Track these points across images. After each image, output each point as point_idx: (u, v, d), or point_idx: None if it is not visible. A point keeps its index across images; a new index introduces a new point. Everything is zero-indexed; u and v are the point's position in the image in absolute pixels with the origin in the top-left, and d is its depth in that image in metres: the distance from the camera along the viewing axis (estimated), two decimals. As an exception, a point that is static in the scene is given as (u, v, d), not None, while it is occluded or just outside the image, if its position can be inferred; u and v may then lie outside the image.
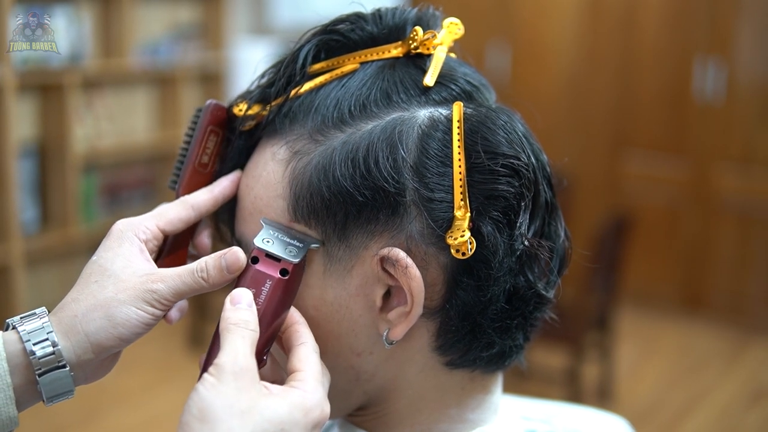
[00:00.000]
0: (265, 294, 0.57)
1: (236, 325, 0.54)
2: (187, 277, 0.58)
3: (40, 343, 0.55)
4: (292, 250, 0.58)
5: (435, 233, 0.57)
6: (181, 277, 0.58)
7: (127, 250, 0.60)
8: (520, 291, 0.60)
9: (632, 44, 4.29)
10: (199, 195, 0.65)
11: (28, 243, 3.51)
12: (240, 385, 0.51)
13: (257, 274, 0.58)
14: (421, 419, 0.63)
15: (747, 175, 4.03)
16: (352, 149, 0.58)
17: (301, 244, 0.58)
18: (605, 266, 3.08)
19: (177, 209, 0.63)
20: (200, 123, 0.66)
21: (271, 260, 0.58)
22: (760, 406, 3.36)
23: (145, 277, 0.58)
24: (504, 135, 0.59)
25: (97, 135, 3.96)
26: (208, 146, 0.67)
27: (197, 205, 0.64)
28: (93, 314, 0.56)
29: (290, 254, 0.58)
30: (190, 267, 0.58)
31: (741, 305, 4.10)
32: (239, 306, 0.56)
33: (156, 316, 0.57)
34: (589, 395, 3.27)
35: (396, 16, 0.64)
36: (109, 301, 0.57)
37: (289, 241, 0.58)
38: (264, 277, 0.58)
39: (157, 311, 0.57)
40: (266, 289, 0.57)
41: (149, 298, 0.57)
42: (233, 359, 0.52)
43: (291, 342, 0.58)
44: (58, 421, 3.09)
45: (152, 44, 4.21)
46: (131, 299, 0.57)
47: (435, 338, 0.60)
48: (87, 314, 0.56)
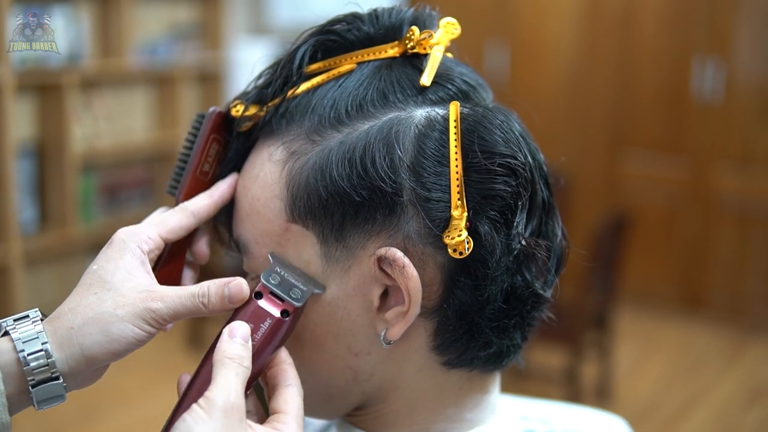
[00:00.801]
0: (262, 332, 0.57)
1: (231, 359, 0.54)
2: (187, 300, 0.58)
3: (34, 354, 0.55)
4: (296, 292, 0.58)
5: (432, 233, 0.57)
6: (182, 299, 0.58)
7: (129, 263, 0.59)
8: (518, 290, 0.60)
9: (631, 44, 4.29)
10: (198, 201, 0.64)
11: (26, 243, 3.50)
12: (228, 422, 0.52)
13: (259, 310, 0.58)
14: (419, 419, 0.63)
15: (746, 174, 4.04)
16: (349, 149, 0.58)
17: (305, 288, 0.58)
18: (604, 266, 3.08)
19: (178, 217, 0.63)
20: (203, 130, 0.66)
21: (275, 298, 0.58)
22: (759, 406, 3.36)
23: (145, 294, 0.57)
24: (501, 134, 0.59)
25: (95, 135, 3.96)
26: (210, 154, 0.66)
27: (197, 212, 0.64)
28: (89, 328, 0.56)
29: (294, 297, 0.58)
30: (191, 290, 0.58)
31: (740, 305, 4.10)
32: (236, 340, 0.56)
33: (151, 333, 0.57)
34: (588, 395, 3.27)
35: (392, 16, 0.64)
36: (107, 316, 0.56)
37: (294, 283, 0.58)
38: (265, 314, 0.58)
39: (153, 329, 0.57)
40: (265, 326, 0.57)
41: (147, 317, 0.57)
42: (226, 396, 0.52)
43: (278, 381, 0.58)
44: (57, 421, 3.09)
45: (151, 44, 4.21)
46: (129, 316, 0.56)
47: (433, 338, 0.60)
48: (83, 327, 0.56)
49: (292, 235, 0.60)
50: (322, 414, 0.66)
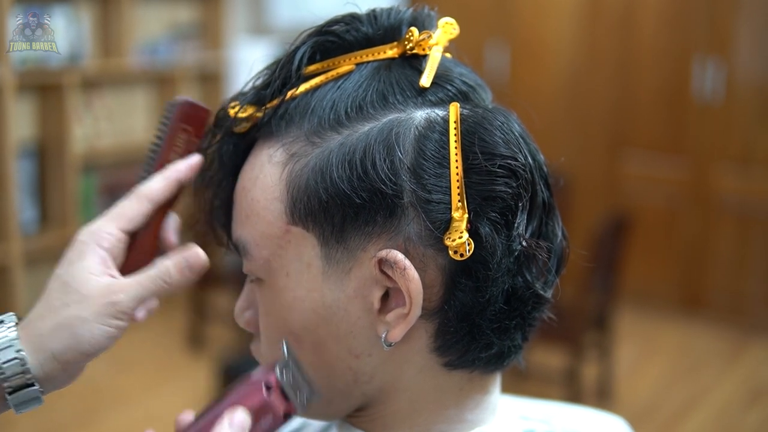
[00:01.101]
0: (261, 427, 0.57)
1: None
2: (148, 283, 0.58)
3: (9, 363, 0.55)
4: (300, 396, 0.57)
5: (433, 235, 0.57)
6: (142, 284, 0.58)
7: (89, 263, 0.60)
8: (519, 291, 0.60)
9: (631, 44, 4.29)
10: (152, 185, 0.65)
11: (27, 243, 3.51)
12: None
13: (266, 406, 0.57)
14: (420, 420, 0.63)
15: (746, 175, 4.04)
16: (348, 151, 0.58)
17: (309, 392, 0.58)
18: (604, 266, 3.08)
19: (133, 205, 0.64)
20: (170, 121, 0.65)
21: (281, 395, 0.57)
22: (759, 406, 3.36)
23: (106, 289, 0.58)
24: (501, 136, 0.59)
25: (96, 135, 3.96)
26: (178, 144, 0.66)
27: (152, 195, 0.64)
28: (58, 333, 0.57)
29: (299, 400, 0.57)
30: (150, 273, 0.59)
31: (740, 305, 4.10)
32: None
33: (121, 327, 0.58)
34: (588, 395, 3.27)
35: (391, 16, 0.64)
36: (73, 320, 0.57)
37: (300, 383, 0.58)
38: (269, 410, 0.57)
39: (122, 323, 0.58)
40: (265, 422, 0.57)
41: (111, 311, 0.57)
42: None
43: None
44: (57, 421, 3.09)
45: (151, 44, 4.21)
46: (94, 316, 0.57)
47: (433, 339, 0.60)
48: (52, 333, 0.57)
49: (293, 237, 0.60)
50: (323, 415, 0.66)
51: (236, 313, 0.69)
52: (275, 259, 0.60)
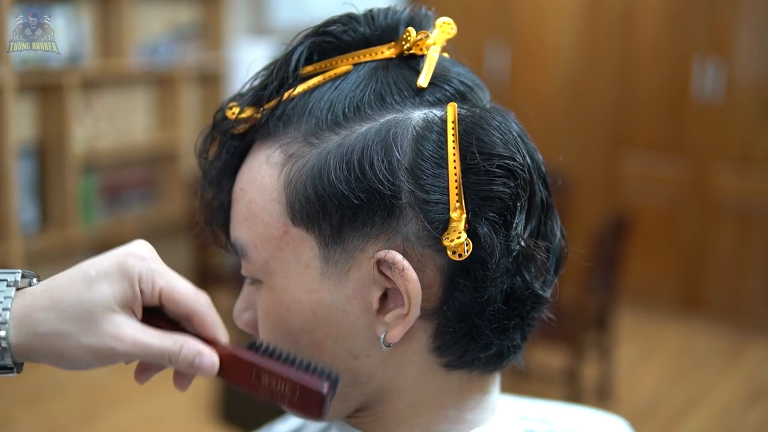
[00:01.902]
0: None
1: None
2: (155, 351, 0.55)
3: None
4: None
5: (431, 235, 0.57)
6: (149, 349, 0.55)
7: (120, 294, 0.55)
8: (517, 291, 0.60)
9: (631, 44, 4.29)
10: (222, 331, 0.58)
11: (27, 244, 3.51)
12: None
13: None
14: (420, 420, 0.63)
15: (746, 175, 4.03)
16: (346, 152, 0.58)
17: None
18: (604, 266, 3.08)
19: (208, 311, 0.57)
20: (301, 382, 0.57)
21: None
22: (759, 406, 3.36)
23: (114, 330, 0.54)
24: (499, 135, 0.59)
25: (96, 135, 3.96)
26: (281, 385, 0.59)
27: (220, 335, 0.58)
28: (50, 340, 0.54)
29: None
30: (163, 344, 0.55)
31: (740, 305, 4.10)
32: None
33: (107, 365, 0.55)
34: (588, 395, 3.27)
35: (388, 16, 0.64)
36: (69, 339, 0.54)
37: None
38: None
39: (110, 363, 0.55)
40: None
41: (108, 354, 0.54)
42: None
43: None
44: (57, 421, 3.09)
45: (151, 44, 4.21)
46: (91, 348, 0.54)
47: (433, 340, 0.60)
48: (45, 337, 0.54)
49: (291, 239, 0.59)
50: (322, 416, 0.66)
51: (235, 315, 0.68)
52: (274, 260, 0.60)
